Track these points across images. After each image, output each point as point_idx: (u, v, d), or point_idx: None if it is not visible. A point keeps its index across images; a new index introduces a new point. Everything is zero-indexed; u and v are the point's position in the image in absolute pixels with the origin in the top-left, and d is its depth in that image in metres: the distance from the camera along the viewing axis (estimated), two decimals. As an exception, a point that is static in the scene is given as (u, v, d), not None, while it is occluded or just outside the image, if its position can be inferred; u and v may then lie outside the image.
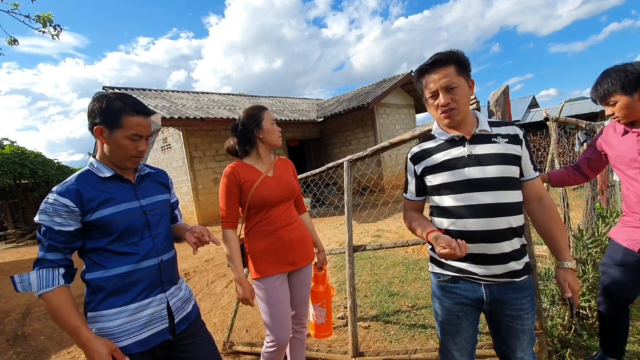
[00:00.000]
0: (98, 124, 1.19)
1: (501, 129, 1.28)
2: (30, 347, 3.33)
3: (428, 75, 1.24)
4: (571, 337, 2.14)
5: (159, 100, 9.96)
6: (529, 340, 1.29)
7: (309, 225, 1.98)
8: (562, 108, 3.03)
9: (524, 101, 17.84)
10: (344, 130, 11.93)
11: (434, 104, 1.26)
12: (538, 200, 1.31)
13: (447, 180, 1.25)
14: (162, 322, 1.27)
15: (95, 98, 1.22)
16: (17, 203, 15.11)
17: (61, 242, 1.13)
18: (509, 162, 1.22)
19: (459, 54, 1.23)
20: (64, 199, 1.13)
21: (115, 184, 1.25)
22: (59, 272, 1.13)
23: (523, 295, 1.25)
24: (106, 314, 1.17)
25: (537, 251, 3.39)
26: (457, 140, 1.27)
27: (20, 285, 1.09)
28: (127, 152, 1.22)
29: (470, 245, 1.21)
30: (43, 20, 3.45)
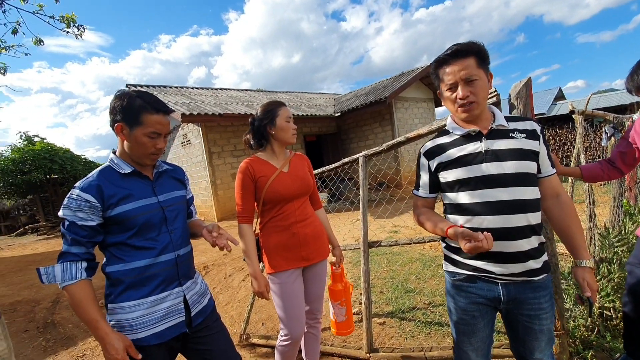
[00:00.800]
0: (119, 121, 1.22)
1: (518, 124, 1.24)
2: (59, 334, 3.50)
3: (447, 66, 1.20)
4: (594, 338, 2.07)
5: (179, 97, 10.17)
6: (547, 340, 1.25)
7: (325, 221, 1.97)
8: (588, 100, 2.90)
9: (549, 93, 17.13)
10: (361, 125, 11.83)
11: (451, 96, 1.22)
12: (555, 197, 1.27)
13: (463, 176, 1.22)
14: (179, 315, 1.30)
15: (117, 96, 1.25)
16: (47, 197, 15.85)
17: (84, 237, 1.17)
18: (527, 157, 1.19)
19: (480, 46, 1.19)
20: (86, 194, 1.17)
21: (134, 180, 1.28)
22: (82, 265, 1.17)
23: (542, 294, 1.21)
24: (125, 306, 1.21)
25: (559, 249, 3.28)
26: (474, 135, 1.24)
27: (45, 277, 1.14)
28: (146, 149, 1.25)
29: None
30: (67, 20, 3.58)
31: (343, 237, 5.36)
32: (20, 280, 5.88)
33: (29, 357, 3.10)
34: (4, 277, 6.38)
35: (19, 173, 13.77)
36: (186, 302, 1.34)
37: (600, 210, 4.04)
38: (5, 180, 13.73)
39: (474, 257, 1.24)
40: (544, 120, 14.47)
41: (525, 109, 1.85)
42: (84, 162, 16.04)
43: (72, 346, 3.19)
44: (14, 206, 17.44)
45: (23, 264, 7.49)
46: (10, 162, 13.63)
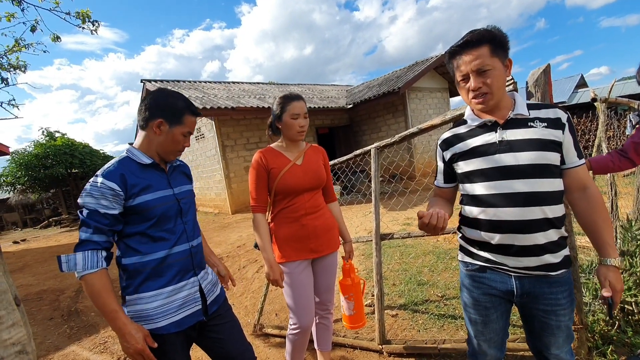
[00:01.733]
0: (160, 117, 1.28)
1: (541, 112, 1.17)
2: (82, 322, 3.65)
3: (459, 56, 1.16)
4: (614, 333, 2.01)
5: (193, 91, 10.27)
6: (565, 337, 1.21)
7: (337, 214, 1.96)
8: (611, 87, 2.77)
9: (570, 80, 16.50)
10: (374, 117, 11.71)
11: (465, 87, 1.19)
12: (582, 190, 1.18)
13: (477, 167, 1.19)
14: (195, 304, 1.34)
15: (159, 94, 1.32)
16: (69, 190, 16.38)
17: (106, 225, 1.18)
18: (546, 148, 1.12)
19: (495, 32, 1.13)
20: (111, 182, 1.18)
21: (152, 172, 1.31)
22: (102, 254, 1.18)
23: (559, 290, 1.17)
24: (144, 297, 1.24)
25: (579, 242, 3.19)
26: (490, 125, 1.20)
27: (66, 265, 1.14)
28: (178, 145, 1.33)
29: (502, 235, 1.16)
30: (82, 16, 3.66)
31: (355, 229, 5.36)
32: (45, 271, 6.13)
33: (55, 343, 3.24)
34: (31, 267, 6.67)
35: (42, 168, 14.26)
36: (202, 291, 1.37)
37: (623, 201, 3.89)
38: (29, 175, 14.25)
39: (488, 249, 1.22)
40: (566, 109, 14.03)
41: (544, 97, 1.79)
42: (102, 157, 16.49)
43: (94, 333, 3.31)
44: (38, 200, 18.11)
45: (48, 254, 7.80)
46: (33, 158, 14.13)
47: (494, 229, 1.17)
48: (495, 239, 1.18)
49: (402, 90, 9.70)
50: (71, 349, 3.09)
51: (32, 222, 18.22)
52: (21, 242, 11.15)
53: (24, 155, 14.30)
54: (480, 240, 1.24)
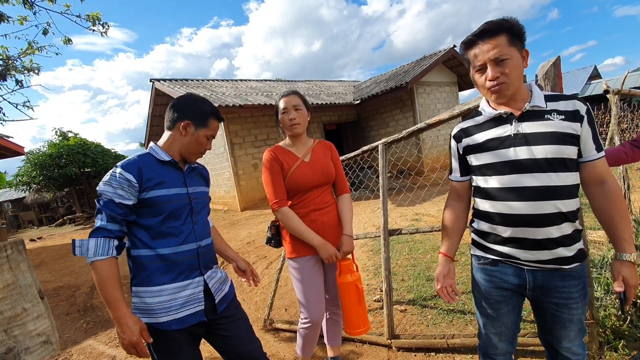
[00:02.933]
0: (187, 119, 1.36)
1: (559, 103, 1.14)
2: (97, 317, 3.74)
3: (475, 47, 1.14)
4: (626, 328, 1.99)
5: (200, 89, 10.35)
6: (578, 330, 1.21)
7: (346, 207, 1.88)
8: (624, 78, 2.72)
9: (583, 72, 16.10)
10: (381, 112, 11.65)
11: (481, 79, 1.17)
12: (599, 184, 1.15)
13: (490, 161, 1.18)
14: (198, 304, 1.35)
15: (188, 98, 1.41)
16: (82, 189, 16.71)
17: (120, 214, 1.23)
18: (563, 141, 1.10)
19: (512, 22, 1.11)
20: (128, 174, 1.23)
21: (169, 169, 1.35)
22: (114, 243, 1.22)
23: (572, 283, 1.16)
24: (149, 290, 1.27)
25: (590, 237, 3.14)
26: (505, 117, 1.18)
27: (78, 249, 1.18)
28: (200, 147, 1.40)
29: (514, 229, 1.15)
30: (92, 19, 3.73)
31: (364, 225, 5.37)
32: (61, 267, 6.29)
33: (72, 337, 3.34)
34: (47, 264, 6.85)
35: (55, 167, 14.58)
36: (208, 291, 1.39)
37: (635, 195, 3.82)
38: (44, 175, 14.58)
39: (501, 242, 1.22)
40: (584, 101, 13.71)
41: (554, 91, 1.77)
42: (114, 156, 16.76)
43: (109, 328, 3.40)
44: (53, 198, 18.54)
45: (63, 252, 7.98)
46: (47, 157, 14.44)
47: (506, 223, 1.17)
48: (507, 232, 1.17)
49: (410, 85, 9.61)
50: (88, 343, 3.18)
51: (47, 220, 18.67)
52: (37, 240, 11.45)
53: (38, 155, 14.63)
54: (492, 233, 1.23)
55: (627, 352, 1.84)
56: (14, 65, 4.43)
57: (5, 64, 4.43)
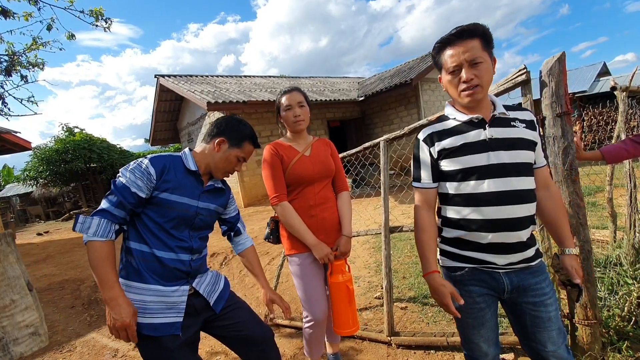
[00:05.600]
0: (224, 136, 1.41)
1: (517, 113, 1.23)
2: (101, 310, 3.79)
3: (451, 47, 1.15)
4: (630, 329, 1.96)
5: (205, 85, 10.37)
6: (558, 330, 1.20)
7: (345, 204, 1.89)
8: (633, 75, 2.66)
9: (592, 69, 15.83)
10: (386, 109, 11.57)
11: (453, 80, 1.17)
12: (546, 188, 1.27)
13: (466, 165, 1.17)
14: (177, 315, 1.30)
15: (231, 117, 1.48)
16: (88, 184, 16.87)
17: (130, 203, 1.24)
18: (528, 147, 1.18)
19: (485, 28, 1.15)
20: (152, 168, 1.27)
21: (191, 179, 1.37)
22: (114, 227, 1.23)
23: (541, 278, 1.22)
24: (134, 286, 1.26)
25: (594, 236, 3.10)
26: (477, 122, 1.19)
27: (80, 225, 1.18)
28: (229, 166, 1.43)
29: (494, 234, 1.16)
30: (95, 14, 3.74)
31: (366, 222, 5.35)
32: (67, 261, 6.36)
33: (76, 330, 3.38)
34: (53, 258, 6.93)
35: (62, 162, 14.72)
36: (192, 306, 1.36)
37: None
38: (50, 170, 14.74)
39: (479, 249, 1.21)
40: (586, 99, 13.50)
41: (558, 87, 1.74)
42: (119, 151, 16.88)
43: (112, 322, 3.44)
44: (60, 193, 18.73)
45: (69, 246, 8.07)
46: (54, 153, 14.59)
47: (487, 228, 1.16)
48: (487, 238, 1.17)
49: (414, 81, 9.54)
50: (91, 335, 3.22)
51: (54, 215, 18.89)
52: (44, 234, 11.59)
53: (45, 151, 14.78)
54: (470, 241, 1.21)
55: (631, 354, 1.81)
56: (19, 60, 4.47)
57: (10, 60, 4.47)
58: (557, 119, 1.75)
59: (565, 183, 1.76)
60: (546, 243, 1.88)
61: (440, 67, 1.22)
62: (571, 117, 1.76)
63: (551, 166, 1.80)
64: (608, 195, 2.73)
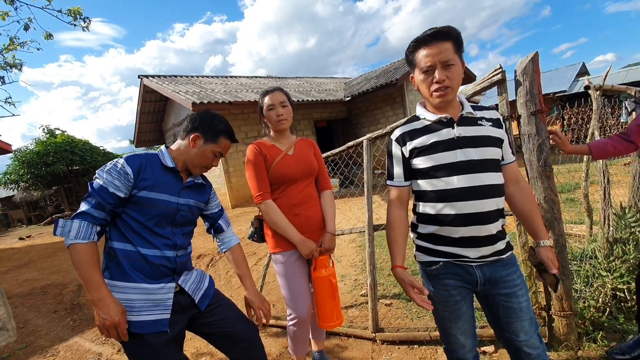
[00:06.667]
0: (198, 132, 1.40)
1: (484, 112, 1.29)
2: (84, 315, 3.73)
3: (427, 47, 1.18)
4: (605, 319, 2.03)
5: (190, 85, 10.25)
6: (530, 320, 1.25)
7: (328, 203, 1.91)
8: (606, 74, 2.76)
9: (571, 69, 16.23)
10: (372, 109, 11.65)
11: (426, 80, 1.20)
12: (516, 183, 1.33)
13: (437, 163, 1.22)
14: (164, 312, 1.30)
15: (205, 114, 1.45)
16: (70, 187, 16.47)
17: (109, 204, 1.23)
18: (495, 144, 1.24)
19: (458, 32, 1.19)
20: (129, 167, 1.26)
21: (169, 176, 1.38)
22: (96, 229, 1.22)
23: (512, 270, 1.26)
24: (118, 285, 1.25)
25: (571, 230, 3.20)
26: (446, 121, 1.24)
27: (60, 229, 1.18)
28: (205, 161, 1.42)
29: (463, 228, 1.20)
30: (73, 13, 3.65)
31: (350, 221, 5.38)
32: (49, 266, 6.21)
33: (59, 334, 3.33)
34: (35, 262, 6.76)
35: (43, 165, 14.33)
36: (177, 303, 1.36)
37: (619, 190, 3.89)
38: (31, 173, 14.34)
39: (451, 243, 1.25)
40: (565, 98, 13.85)
41: (532, 86, 1.79)
42: (102, 153, 16.52)
43: (96, 326, 3.38)
44: (41, 197, 18.24)
45: (51, 250, 7.88)
46: (35, 155, 14.19)
47: (458, 223, 1.20)
48: (459, 232, 1.21)
49: (400, 81, 9.64)
50: (74, 340, 3.17)
51: (36, 219, 18.38)
52: (26, 239, 11.28)
53: (26, 153, 14.37)
54: (443, 236, 1.26)
55: (606, 343, 1.87)
56: (-4, 61, 4.34)
57: (-14, 60, 4.34)
58: (532, 117, 1.80)
59: (540, 179, 1.81)
60: (523, 237, 1.94)
61: (414, 66, 1.24)
62: (545, 116, 1.82)
63: (526, 163, 1.86)
64: (584, 191, 2.82)
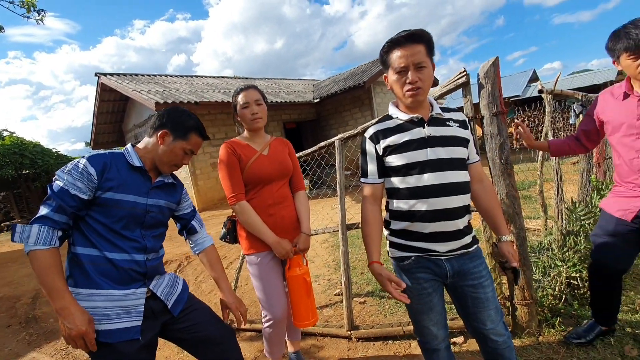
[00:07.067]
0: (167, 128, 1.34)
1: (452, 114, 1.35)
2: (41, 328, 3.46)
3: (400, 48, 1.22)
4: (561, 306, 2.19)
5: (152, 85, 9.84)
6: (496, 309, 1.33)
7: (303, 204, 1.92)
8: (556, 80, 2.98)
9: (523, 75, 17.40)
10: (340, 111, 11.79)
11: (399, 80, 1.25)
12: (480, 182, 1.40)
13: (410, 161, 1.26)
14: (135, 318, 1.25)
15: (174, 110, 1.41)
16: (20, 193, 15.21)
17: (71, 207, 1.16)
18: (461, 144, 1.31)
19: (430, 35, 1.24)
20: (91, 167, 1.19)
21: (137, 176, 1.31)
22: (57, 234, 1.15)
23: (478, 263, 1.34)
24: (84, 293, 1.18)
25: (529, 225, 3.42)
26: (417, 121, 1.30)
27: (19, 235, 1.11)
28: (175, 159, 1.37)
29: (432, 223, 1.26)
30: (27, 5, 3.38)
31: (323, 222, 5.42)
32: (-2, 278, 5.70)
33: (14, 350, 3.08)
34: (-20, 276, 6.17)
35: (-12, 169, 13.13)
36: (149, 309, 1.30)
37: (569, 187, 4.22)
38: (-26, 178, 13.09)
39: (421, 238, 1.30)
40: (519, 103, 14.80)
41: (494, 88, 1.90)
42: (55, 156, 15.39)
43: (54, 340, 3.16)
44: (-15, 204, 16.68)
45: (2, 261, 7.22)
46: (-22, 159, 12.97)
47: (427, 218, 1.26)
48: (429, 228, 1.27)
49: (367, 84, 9.83)
50: (32, 355, 2.95)
51: (-21, 228, 16.78)
52: (-34, 251, 10.25)
53: (-32, 157, 13.10)
54: (414, 231, 1.31)
55: (563, 328, 2.02)
56: None
57: None
58: (494, 118, 1.91)
59: (502, 176, 1.92)
60: (487, 232, 2.05)
61: (388, 67, 1.28)
62: (505, 117, 1.94)
63: (489, 161, 1.97)
64: (539, 188, 3.02)
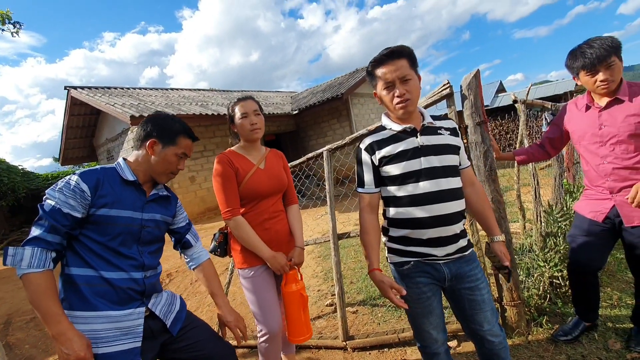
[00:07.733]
0: (154, 137, 1.31)
1: (443, 122, 1.40)
2: (16, 355, 3.22)
3: (383, 66, 1.29)
4: (547, 305, 2.27)
5: (126, 98, 9.57)
6: (491, 311, 1.38)
7: (295, 217, 1.92)
8: (528, 91, 3.17)
9: (492, 86, 18.36)
10: (319, 122, 11.91)
11: (389, 94, 1.31)
12: (472, 185, 1.47)
13: (405, 170, 1.31)
14: (134, 340, 1.21)
15: (155, 116, 1.36)
16: (-21, 214, 14.18)
17: (64, 226, 1.11)
18: (453, 151, 1.36)
19: (410, 49, 1.31)
20: (84, 184, 1.15)
21: (130, 190, 1.27)
22: (51, 255, 1.10)
23: (474, 266, 1.38)
24: (80, 316, 1.13)
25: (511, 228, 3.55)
26: (409, 131, 1.34)
27: (11, 258, 1.06)
28: (171, 166, 1.34)
29: (431, 229, 1.29)
30: (1, 17, 3.20)
31: (310, 232, 5.40)
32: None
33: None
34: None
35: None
36: (148, 329, 1.27)
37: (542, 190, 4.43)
38: None
39: (420, 244, 1.33)
40: (489, 112, 15.53)
41: (476, 99, 1.99)
42: (21, 173, 14.52)
43: (27, 370, 2.93)
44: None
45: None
46: None
47: (426, 225, 1.30)
48: (427, 233, 1.31)
49: (345, 95, 10.02)
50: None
51: None
52: None
53: None
54: (413, 238, 1.34)
55: (550, 326, 2.09)
56: None
57: None
58: (477, 127, 2.00)
59: (487, 182, 2.01)
60: (475, 236, 2.11)
61: (376, 83, 1.35)
62: (487, 126, 2.03)
63: (474, 168, 2.05)
64: (517, 192, 3.16)
